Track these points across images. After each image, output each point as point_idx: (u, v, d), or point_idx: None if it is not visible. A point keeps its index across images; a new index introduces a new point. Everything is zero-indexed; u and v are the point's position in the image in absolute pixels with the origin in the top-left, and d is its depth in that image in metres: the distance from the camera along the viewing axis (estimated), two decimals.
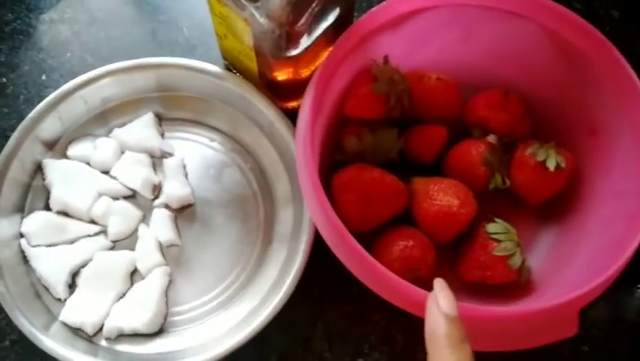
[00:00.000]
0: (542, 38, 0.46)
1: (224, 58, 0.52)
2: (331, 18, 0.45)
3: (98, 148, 0.49)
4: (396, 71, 0.47)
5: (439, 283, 0.35)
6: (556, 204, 0.48)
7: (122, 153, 0.50)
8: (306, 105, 0.42)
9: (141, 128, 0.50)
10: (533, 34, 0.46)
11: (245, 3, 0.41)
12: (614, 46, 0.43)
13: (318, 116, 0.43)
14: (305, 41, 0.44)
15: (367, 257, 0.38)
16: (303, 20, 0.42)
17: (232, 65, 0.52)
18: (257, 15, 0.41)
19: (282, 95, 0.50)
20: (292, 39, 0.43)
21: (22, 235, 0.47)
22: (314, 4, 0.42)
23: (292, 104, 0.51)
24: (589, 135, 0.47)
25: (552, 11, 0.44)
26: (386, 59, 0.47)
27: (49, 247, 0.46)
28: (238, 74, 0.51)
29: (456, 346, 0.32)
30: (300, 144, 0.41)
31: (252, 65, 0.48)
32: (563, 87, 0.48)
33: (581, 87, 0.46)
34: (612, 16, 0.58)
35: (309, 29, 0.43)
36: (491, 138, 0.47)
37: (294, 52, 0.44)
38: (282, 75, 0.47)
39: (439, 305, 0.33)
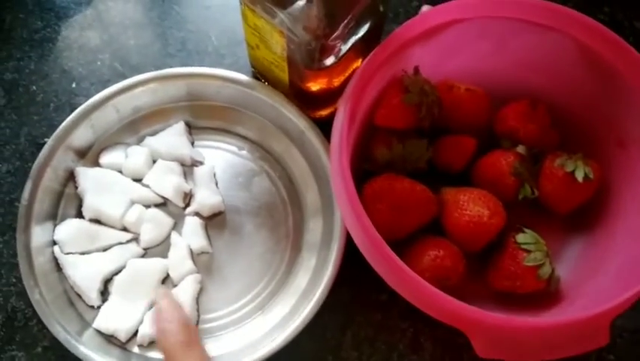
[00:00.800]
0: (573, 50, 0.47)
1: (254, 67, 0.53)
2: (363, 30, 0.45)
3: (130, 156, 0.50)
4: (427, 82, 0.47)
5: (160, 294, 0.43)
6: (583, 214, 0.49)
7: (154, 161, 0.50)
8: (340, 116, 0.43)
9: (172, 137, 0.50)
10: (563, 46, 0.47)
11: (282, 16, 0.41)
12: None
13: (352, 127, 0.44)
14: (338, 53, 0.44)
15: (404, 268, 0.38)
16: (337, 33, 0.42)
17: (261, 74, 0.52)
18: (294, 28, 0.42)
19: (312, 104, 0.50)
20: (326, 51, 0.44)
21: (54, 243, 0.47)
22: (349, 18, 0.42)
23: (321, 112, 0.51)
24: (617, 147, 0.47)
25: (583, 24, 0.45)
26: (417, 69, 0.47)
27: (82, 255, 0.47)
28: (267, 83, 0.52)
29: (187, 348, 0.39)
30: (336, 155, 0.42)
31: (283, 74, 0.48)
32: (592, 99, 0.48)
33: (610, 99, 0.46)
34: (635, 27, 0.58)
35: (343, 41, 0.44)
36: (520, 149, 0.47)
37: (327, 63, 0.45)
38: (313, 85, 0.47)
39: (163, 315, 0.41)
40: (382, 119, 0.47)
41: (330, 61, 0.45)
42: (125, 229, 0.48)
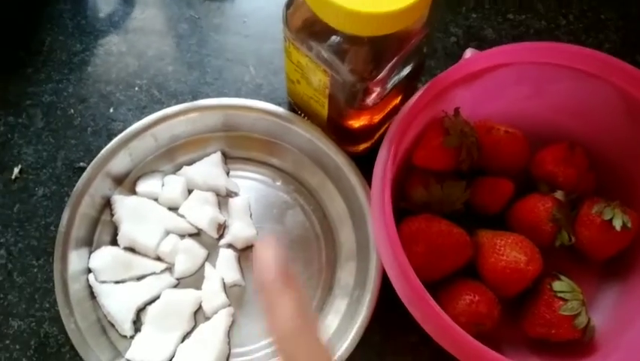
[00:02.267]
0: (612, 96, 0.46)
1: (292, 99, 0.53)
2: (407, 70, 0.45)
3: (166, 185, 0.50)
4: (467, 124, 0.47)
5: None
6: (620, 261, 0.48)
7: (189, 190, 0.50)
8: (382, 158, 0.43)
9: (209, 167, 0.51)
10: (602, 92, 0.47)
11: (328, 57, 0.42)
12: None
13: (393, 168, 0.44)
14: (382, 93, 0.44)
15: (444, 317, 0.38)
16: (382, 75, 0.42)
17: (298, 107, 0.52)
18: (339, 69, 0.42)
19: (350, 140, 0.50)
20: (370, 92, 0.44)
21: (89, 270, 0.47)
22: (395, 60, 0.42)
23: (358, 147, 0.51)
24: None
25: (623, 71, 0.45)
26: (457, 111, 0.47)
27: (117, 284, 0.47)
28: (304, 116, 0.52)
29: (284, 287, 0.35)
30: (377, 198, 0.42)
31: (322, 110, 0.48)
32: (630, 145, 0.48)
33: None
34: None
35: (387, 82, 0.44)
36: (558, 195, 0.47)
37: (370, 103, 0.45)
38: (354, 123, 0.47)
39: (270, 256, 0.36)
40: (422, 160, 0.47)
41: (373, 101, 0.45)
42: (159, 259, 0.48)
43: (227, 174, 0.52)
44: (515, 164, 0.49)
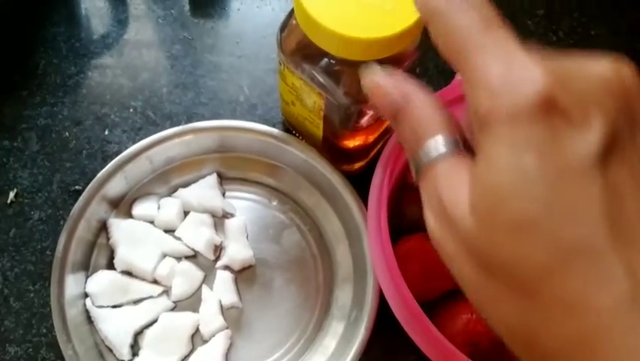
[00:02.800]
0: None
1: (286, 120, 0.53)
2: None
3: (162, 208, 0.50)
4: None
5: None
6: None
7: (185, 212, 0.51)
8: (378, 179, 0.43)
9: (205, 189, 0.51)
10: None
11: (323, 81, 0.42)
12: None
13: (388, 188, 0.44)
14: (375, 114, 0.45)
15: (443, 340, 0.38)
16: None
17: (292, 127, 0.53)
18: (334, 92, 0.42)
19: (344, 159, 0.51)
20: (364, 113, 0.44)
21: (86, 295, 0.47)
22: None
23: (353, 166, 0.52)
24: None
25: None
26: None
27: (114, 308, 0.47)
28: (299, 135, 0.52)
29: (486, 29, 0.24)
30: (373, 219, 0.42)
31: (317, 131, 0.48)
32: None
33: None
34: None
35: None
36: None
37: (364, 124, 0.45)
38: (349, 143, 0.48)
39: None
40: None
41: (367, 122, 0.45)
42: (155, 282, 0.48)
43: (223, 195, 0.52)
44: None
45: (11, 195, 0.51)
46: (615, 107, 0.22)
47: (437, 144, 0.26)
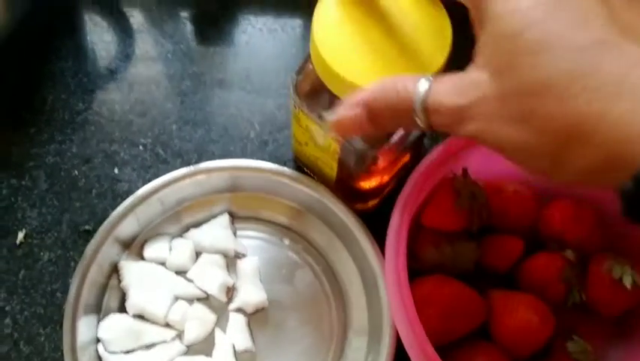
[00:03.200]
0: None
1: (298, 159, 0.53)
2: (415, 134, 0.45)
3: (174, 250, 0.49)
4: (476, 184, 0.47)
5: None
6: (631, 317, 0.48)
7: (197, 253, 0.50)
8: (395, 224, 0.43)
9: (217, 230, 0.50)
10: None
11: None
12: None
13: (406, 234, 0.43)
14: (391, 157, 0.44)
15: None
16: (394, 140, 0.42)
17: (305, 166, 0.52)
18: (352, 138, 0.42)
19: (358, 198, 0.50)
20: (380, 156, 0.44)
21: (98, 340, 0.46)
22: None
23: (366, 205, 0.51)
24: None
25: None
26: (466, 171, 0.47)
27: (127, 354, 0.46)
28: (311, 174, 0.52)
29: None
30: (391, 264, 0.42)
31: (331, 172, 0.48)
32: None
33: None
34: None
35: (398, 147, 0.44)
36: (569, 254, 0.47)
37: (380, 165, 0.45)
38: (364, 184, 0.47)
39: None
40: (433, 222, 0.47)
41: (383, 164, 0.45)
42: (168, 325, 0.48)
43: (235, 234, 0.52)
44: (525, 222, 0.49)
45: (20, 235, 0.51)
46: None
47: (422, 81, 0.30)
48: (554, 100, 0.24)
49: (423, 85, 0.29)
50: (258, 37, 0.61)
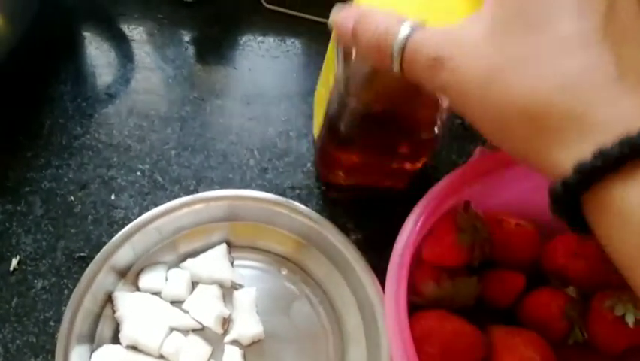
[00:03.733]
0: None
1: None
2: None
3: (170, 280, 0.49)
4: (479, 218, 0.46)
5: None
6: (627, 356, 0.48)
7: (194, 283, 0.49)
8: (396, 261, 0.42)
9: (214, 260, 0.49)
10: None
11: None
12: None
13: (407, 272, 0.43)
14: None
15: None
16: None
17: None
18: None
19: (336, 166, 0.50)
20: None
21: None
22: None
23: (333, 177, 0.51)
24: None
25: None
26: (468, 205, 0.47)
27: None
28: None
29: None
30: (391, 303, 0.41)
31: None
32: None
33: None
34: None
35: None
36: (571, 291, 0.47)
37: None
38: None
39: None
40: (434, 258, 0.46)
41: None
42: (162, 357, 0.47)
43: (232, 264, 0.51)
44: (526, 257, 0.49)
45: (14, 262, 0.50)
46: None
47: (407, 24, 0.29)
48: (518, 76, 0.25)
49: (405, 29, 0.29)
50: (260, 63, 0.60)
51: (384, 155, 0.49)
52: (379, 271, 0.44)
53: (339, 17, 0.33)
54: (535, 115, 0.25)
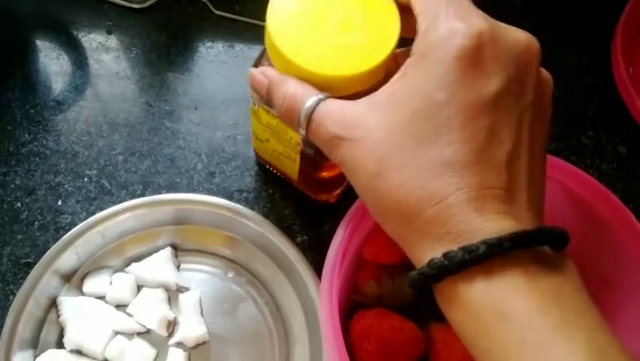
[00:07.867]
0: (563, 197, 0.47)
1: (260, 157, 0.54)
2: None
3: (114, 284, 0.49)
4: None
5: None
6: None
7: (138, 286, 0.50)
8: (332, 254, 0.43)
9: (158, 263, 0.50)
10: (555, 193, 0.48)
11: None
12: (614, 195, 0.45)
13: (342, 265, 0.43)
14: None
15: None
16: None
17: (267, 163, 0.54)
18: None
19: (323, 189, 0.52)
20: None
21: None
22: None
23: (332, 195, 0.53)
24: (602, 286, 0.48)
25: (575, 176, 0.46)
26: None
27: None
28: (273, 170, 0.53)
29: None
30: (326, 297, 0.41)
31: (293, 165, 0.49)
32: (580, 241, 0.49)
33: (597, 243, 0.47)
34: (619, 152, 0.60)
35: None
36: None
37: None
38: (326, 174, 0.48)
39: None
40: (372, 256, 0.47)
41: None
42: (106, 360, 0.47)
43: (178, 267, 0.51)
44: None
45: None
46: (516, 70, 0.30)
47: (314, 97, 0.33)
48: (398, 179, 0.29)
49: (310, 101, 0.33)
50: (208, 68, 0.61)
51: None
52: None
53: (256, 72, 0.37)
54: (406, 215, 0.29)
